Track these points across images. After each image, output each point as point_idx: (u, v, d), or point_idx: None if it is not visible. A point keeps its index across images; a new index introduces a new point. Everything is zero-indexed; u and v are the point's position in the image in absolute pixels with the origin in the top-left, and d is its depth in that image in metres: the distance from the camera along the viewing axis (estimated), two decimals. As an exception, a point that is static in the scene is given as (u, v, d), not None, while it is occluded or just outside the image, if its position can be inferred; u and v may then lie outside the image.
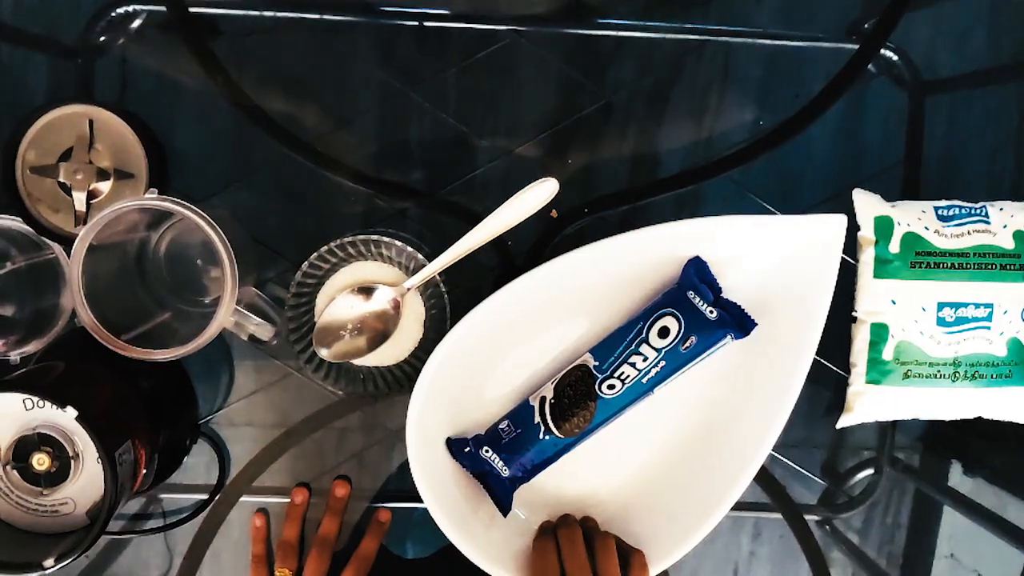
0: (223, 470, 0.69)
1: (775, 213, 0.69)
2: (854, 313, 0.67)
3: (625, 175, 0.69)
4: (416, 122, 0.69)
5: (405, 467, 0.60)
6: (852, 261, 0.67)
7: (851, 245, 0.67)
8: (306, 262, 0.63)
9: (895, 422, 0.72)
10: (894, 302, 0.65)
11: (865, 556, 0.73)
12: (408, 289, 0.64)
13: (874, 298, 0.66)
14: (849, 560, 0.73)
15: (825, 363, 0.70)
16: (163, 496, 0.69)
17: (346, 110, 0.68)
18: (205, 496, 0.69)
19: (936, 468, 0.74)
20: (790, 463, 0.72)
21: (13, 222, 0.63)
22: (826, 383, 0.71)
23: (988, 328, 0.64)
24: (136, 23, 0.67)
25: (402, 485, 0.70)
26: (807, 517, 0.72)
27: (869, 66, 0.70)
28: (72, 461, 0.55)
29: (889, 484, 0.73)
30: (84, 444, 0.55)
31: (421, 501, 0.59)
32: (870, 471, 0.73)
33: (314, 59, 0.68)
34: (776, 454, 0.72)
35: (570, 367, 0.62)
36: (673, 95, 0.70)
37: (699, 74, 0.70)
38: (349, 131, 0.68)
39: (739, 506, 0.62)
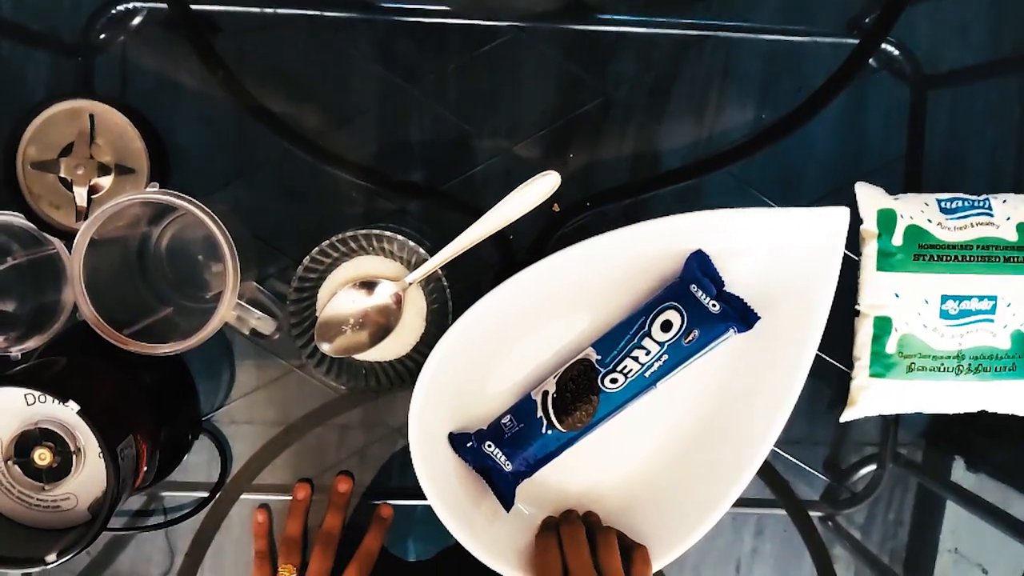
0: (224, 467, 0.69)
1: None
2: (857, 307, 0.67)
3: (626, 170, 0.69)
4: (417, 119, 0.69)
5: (407, 464, 0.60)
6: (854, 256, 0.67)
7: (853, 239, 0.67)
8: (308, 256, 0.63)
9: (898, 418, 0.72)
10: (897, 295, 0.65)
11: (868, 552, 0.73)
12: (410, 284, 0.64)
13: (877, 291, 0.65)
14: (852, 556, 0.73)
15: (827, 358, 0.70)
16: (164, 494, 0.69)
17: (347, 107, 0.68)
18: (206, 494, 0.69)
19: (939, 464, 0.73)
20: (792, 459, 0.72)
21: (14, 218, 0.63)
22: (828, 378, 0.71)
23: (992, 321, 0.64)
24: (137, 20, 0.67)
25: (404, 482, 0.70)
26: (811, 513, 0.72)
27: (870, 61, 0.70)
28: (74, 456, 0.55)
29: (892, 480, 0.72)
30: (86, 439, 0.55)
31: (423, 498, 0.59)
32: (873, 467, 0.73)
33: (314, 56, 0.68)
34: (778, 450, 0.71)
35: (572, 361, 0.62)
36: (674, 90, 0.70)
37: (700, 69, 0.70)
38: (350, 128, 0.68)
39: (742, 502, 0.62)
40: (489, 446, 0.62)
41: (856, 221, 0.66)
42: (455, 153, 0.69)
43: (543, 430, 0.61)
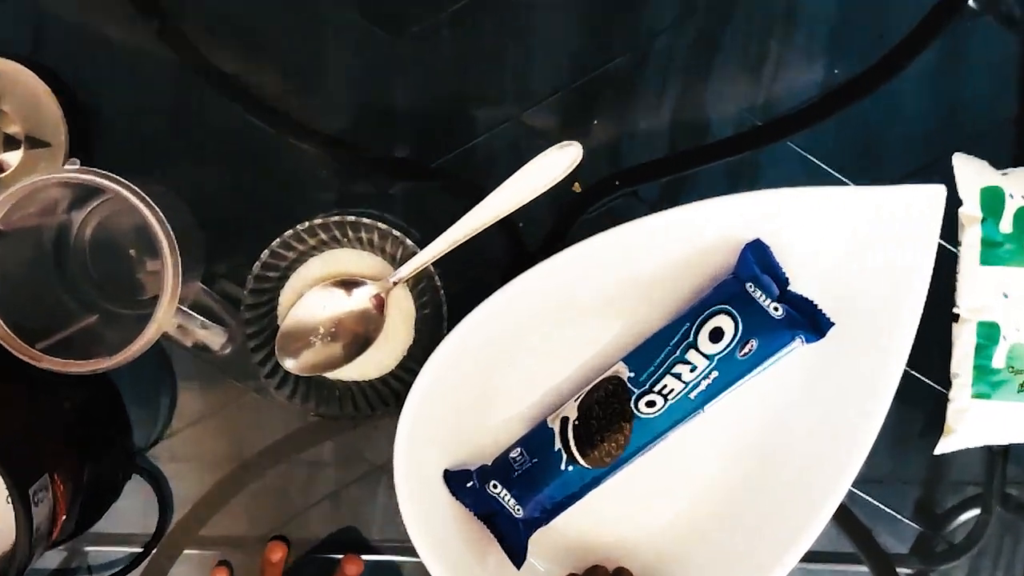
0: (164, 514, 0.69)
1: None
2: (955, 310, 0.67)
3: (664, 140, 0.69)
4: (402, 79, 0.69)
5: (393, 509, 0.59)
6: (951, 248, 0.67)
7: (949, 225, 0.66)
8: (267, 250, 0.63)
9: (1008, 448, 0.72)
10: (1006, 295, 0.65)
11: (971, 618, 0.73)
12: (395, 283, 0.64)
13: (981, 291, 0.65)
14: (951, 623, 0.73)
15: (917, 375, 0.70)
16: (88, 548, 0.70)
17: (316, 65, 0.69)
18: (141, 549, 0.69)
19: (1059, 507, 0.73)
20: (875, 502, 0.72)
21: None
22: (918, 401, 0.70)
23: None
24: (53, -44, 0.68)
25: (389, 533, 0.70)
26: (899, 570, 0.72)
27: (970, 2, 0.69)
28: (-26, 503, 0.55)
29: (1000, 527, 0.72)
30: (-11, 480, 0.55)
31: (414, 553, 0.59)
32: (976, 511, 0.72)
33: (277, 2, 0.68)
34: (856, 490, 0.71)
35: (598, 380, 0.62)
36: (724, 40, 0.70)
37: (756, 13, 0.70)
38: (320, 91, 0.69)
39: (811, 556, 0.61)
40: (495, 487, 0.62)
41: (953, 202, 0.66)
42: (450, 121, 0.69)
43: (562, 466, 0.61)
